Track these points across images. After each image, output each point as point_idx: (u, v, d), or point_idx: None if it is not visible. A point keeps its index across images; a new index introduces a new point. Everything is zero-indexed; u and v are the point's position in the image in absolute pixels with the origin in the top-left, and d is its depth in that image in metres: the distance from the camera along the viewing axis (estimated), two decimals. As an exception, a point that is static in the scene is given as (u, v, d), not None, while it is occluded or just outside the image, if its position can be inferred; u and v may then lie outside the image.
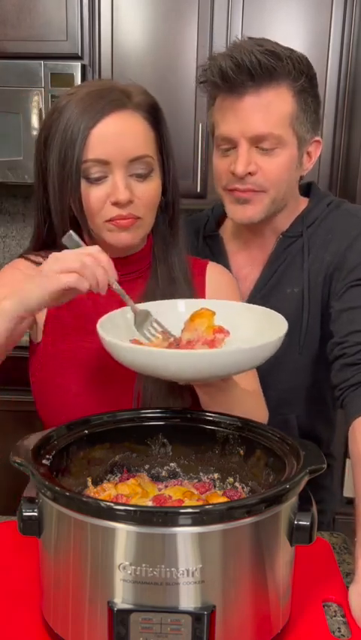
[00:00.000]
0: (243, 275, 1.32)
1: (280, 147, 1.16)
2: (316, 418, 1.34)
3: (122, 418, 0.97)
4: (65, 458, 0.89)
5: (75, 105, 1.03)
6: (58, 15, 2.47)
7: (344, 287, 1.19)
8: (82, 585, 0.74)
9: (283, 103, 1.15)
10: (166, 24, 2.47)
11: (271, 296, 1.27)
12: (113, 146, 1.02)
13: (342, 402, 1.10)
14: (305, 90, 1.18)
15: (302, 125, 1.19)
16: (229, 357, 0.86)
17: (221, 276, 1.23)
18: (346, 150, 2.53)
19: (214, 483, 0.97)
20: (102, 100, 1.03)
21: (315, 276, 1.24)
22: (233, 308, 1.04)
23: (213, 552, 0.71)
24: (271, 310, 1.02)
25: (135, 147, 1.04)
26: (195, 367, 0.85)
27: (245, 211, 1.21)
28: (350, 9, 2.41)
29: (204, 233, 1.38)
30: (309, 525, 0.77)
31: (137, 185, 1.05)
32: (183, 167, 2.51)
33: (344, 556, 1.00)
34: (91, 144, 1.02)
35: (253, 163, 1.16)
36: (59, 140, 1.04)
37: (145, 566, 0.70)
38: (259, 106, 1.14)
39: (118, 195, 1.02)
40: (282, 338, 0.91)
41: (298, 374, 1.28)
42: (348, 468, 2.49)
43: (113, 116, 1.03)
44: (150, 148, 1.07)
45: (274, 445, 0.88)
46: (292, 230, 1.28)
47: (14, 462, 0.82)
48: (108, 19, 2.49)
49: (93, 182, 1.03)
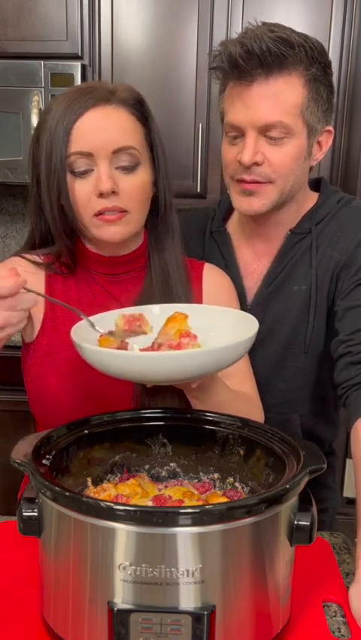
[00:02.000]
0: (250, 270, 1.31)
1: (288, 137, 1.14)
2: (318, 417, 1.33)
3: (122, 418, 0.97)
4: (65, 458, 0.89)
5: (60, 103, 1.05)
6: (58, 15, 2.47)
7: (352, 285, 1.18)
8: (82, 585, 0.74)
9: (293, 92, 1.13)
10: (166, 24, 2.47)
11: (277, 293, 1.26)
12: (96, 138, 1.03)
13: (345, 401, 1.09)
14: (317, 78, 1.15)
15: (313, 115, 1.16)
16: (182, 360, 0.85)
17: (218, 277, 1.22)
18: (346, 150, 2.53)
19: (214, 483, 0.97)
20: (86, 95, 1.04)
21: (323, 273, 1.23)
22: (208, 312, 1.04)
23: (213, 552, 0.71)
24: (244, 313, 1.02)
25: (118, 138, 1.04)
26: (150, 369, 0.85)
27: (251, 202, 1.19)
28: (350, 9, 2.41)
29: (211, 229, 1.36)
30: (309, 525, 0.77)
31: (122, 177, 1.05)
32: (183, 167, 2.51)
33: (344, 556, 1.00)
34: (74, 137, 1.03)
35: (260, 153, 1.14)
36: (46, 136, 1.05)
37: (145, 566, 0.70)
38: (268, 94, 1.12)
39: (101, 186, 1.02)
40: (243, 342, 0.89)
41: (303, 373, 1.27)
42: (348, 468, 2.49)
43: (96, 109, 1.04)
44: (136, 140, 1.07)
45: (274, 445, 0.88)
46: (301, 227, 1.26)
47: (14, 462, 0.82)
48: (108, 19, 2.49)
49: (79, 176, 1.04)
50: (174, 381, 0.92)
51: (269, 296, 1.26)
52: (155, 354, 0.89)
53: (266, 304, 1.27)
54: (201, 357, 0.86)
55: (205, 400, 1.02)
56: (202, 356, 0.86)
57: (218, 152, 2.74)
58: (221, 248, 1.33)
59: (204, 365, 0.87)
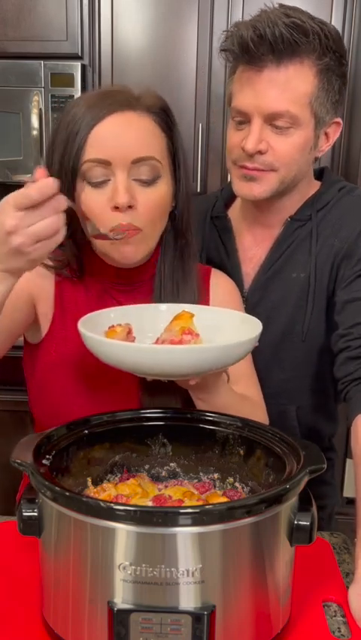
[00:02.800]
0: (249, 256, 1.30)
1: (294, 127, 1.12)
2: (317, 411, 1.32)
3: (122, 418, 0.97)
4: (65, 458, 0.89)
5: (79, 106, 0.99)
6: (58, 15, 2.47)
7: (352, 276, 1.17)
8: (82, 585, 0.74)
9: (304, 81, 1.10)
10: (166, 24, 2.47)
11: (275, 279, 1.25)
12: (114, 146, 0.96)
13: (345, 396, 1.09)
14: (330, 68, 1.12)
15: (322, 106, 1.14)
16: (176, 354, 0.85)
17: (224, 284, 1.20)
18: (346, 149, 2.53)
19: (214, 483, 0.97)
20: (108, 99, 0.99)
21: (323, 262, 1.21)
22: (214, 313, 1.04)
23: (213, 552, 0.71)
24: (249, 315, 1.01)
25: (138, 147, 0.97)
26: (148, 361, 0.86)
27: (251, 188, 1.17)
28: (350, 9, 2.41)
29: (212, 214, 1.35)
30: (309, 525, 0.77)
31: (140, 190, 0.98)
32: (183, 167, 2.51)
33: (344, 556, 1.00)
34: (90, 144, 0.97)
35: (265, 141, 1.13)
36: (61, 140, 0.99)
37: (145, 566, 0.70)
38: (278, 82, 1.10)
39: (117, 199, 0.96)
40: (243, 342, 0.89)
41: (301, 363, 1.26)
42: (348, 467, 2.48)
43: (117, 115, 0.98)
44: (157, 151, 1.00)
45: (274, 445, 0.88)
46: (301, 214, 1.24)
47: (14, 462, 0.82)
48: (108, 19, 2.49)
49: (94, 186, 0.98)
50: (172, 375, 0.91)
51: (267, 282, 1.25)
52: (152, 347, 0.90)
53: (263, 290, 1.26)
54: (198, 353, 0.86)
55: (210, 401, 1.01)
56: (199, 353, 0.86)
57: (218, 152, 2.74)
58: (221, 233, 1.32)
59: (200, 362, 0.86)
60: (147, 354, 0.86)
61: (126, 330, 0.96)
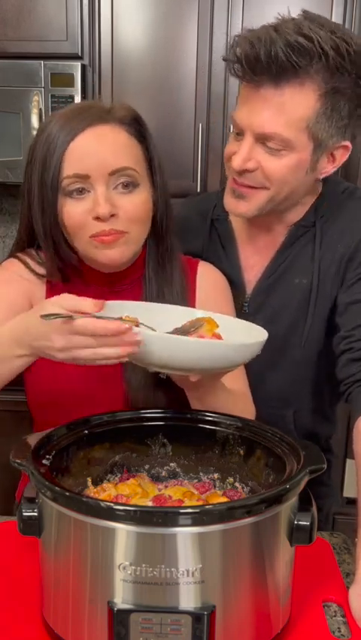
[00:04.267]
0: (251, 264, 1.28)
1: (287, 149, 1.08)
2: (314, 413, 1.31)
3: (122, 418, 0.97)
4: (65, 458, 0.89)
5: (54, 124, 1.02)
6: (58, 15, 2.47)
7: (354, 278, 1.16)
8: (82, 585, 0.74)
9: (302, 105, 1.04)
10: (166, 24, 2.47)
11: (277, 286, 1.24)
12: (92, 159, 1.00)
13: (347, 397, 1.09)
14: (339, 91, 1.04)
15: (323, 130, 1.07)
16: (218, 349, 0.87)
17: (211, 277, 1.21)
18: (346, 150, 2.53)
19: (214, 483, 0.97)
20: (80, 116, 1.02)
21: (326, 267, 1.20)
22: (222, 320, 1.03)
23: (213, 552, 0.71)
24: (253, 324, 1.00)
25: (115, 159, 1.01)
26: (186, 353, 0.85)
27: (238, 205, 1.15)
28: (350, 9, 2.41)
29: (213, 216, 1.32)
30: (309, 525, 0.77)
31: (120, 198, 1.02)
32: (183, 167, 2.50)
33: (344, 556, 1.00)
34: (68, 159, 1.00)
35: (254, 160, 1.09)
36: (39, 159, 1.03)
37: (145, 566, 0.70)
38: (273, 103, 1.04)
39: (98, 210, 0.99)
40: (257, 343, 0.90)
41: (298, 369, 1.26)
42: (348, 467, 2.48)
43: (91, 129, 1.01)
44: (133, 161, 1.04)
45: (274, 445, 0.88)
46: (305, 220, 1.23)
47: (14, 462, 0.82)
48: (108, 19, 2.49)
49: (75, 198, 1.02)
50: (188, 369, 0.90)
51: (268, 288, 1.25)
52: (186, 338, 0.89)
53: (265, 296, 1.25)
54: (223, 348, 0.87)
55: (206, 400, 1.02)
56: (224, 348, 0.88)
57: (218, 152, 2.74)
58: (222, 238, 1.31)
59: (220, 357, 0.87)
60: (182, 345, 0.85)
61: (134, 324, 0.96)
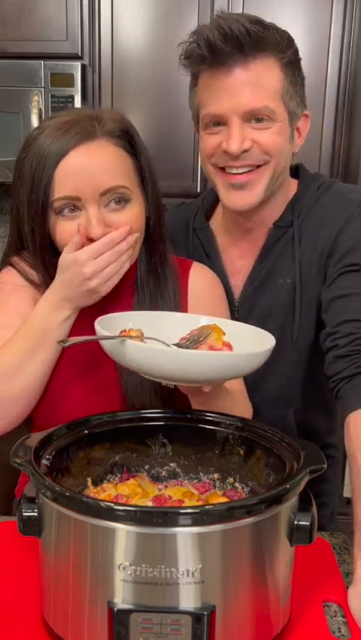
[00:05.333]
0: (236, 268, 1.29)
1: (272, 121, 1.12)
2: (314, 409, 1.31)
3: (122, 418, 0.97)
4: (65, 458, 0.89)
5: (43, 139, 1.02)
6: (58, 15, 2.47)
7: (335, 273, 1.16)
8: (82, 585, 0.74)
9: (273, 76, 1.11)
10: (166, 24, 2.47)
11: (263, 288, 1.25)
12: (82, 181, 1.00)
13: (336, 394, 1.09)
14: (292, 63, 1.13)
15: (292, 99, 1.14)
16: (229, 360, 0.87)
17: (203, 278, 1.21)
18: (346, 150, 2.53)
19: (214, 483, 0.97)
20: (68, 132, 1.01)
21: (307, 265, 1.20)
22: (227, 326, 1.03)
23: (213, 552, 0.71)
24: (258, 328, 1.01)
25: (105, 179, 1.01)
26: (200, 367, 0.85)
27: (243, 197, 1.15)
28: (350, 9, 2.41)
29: (194, 226, 1.34)
30: (309, 525, 0.77)
31: (112, 216, 1.03)
32: (183, 167, 2.51)
33: (344, 556, 1.00)
34: (57, 182, 1.00)
35: (248, 139, 1.11)
36: (27, 177, 1.03)
37: (145, 566, 0.70)
38: (249, 79, 1.09)
39: (91, 232, 1.01)
40: (270, 350, 0.91)
41: (294, 368, 1.26)
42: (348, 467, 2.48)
43: (79, 148, 1.00)
44: (124, 177, 1.04)
45: (274, 445, 0.88)
46: (283, 220, 1.23)
47: (14, 462, 0.82)
48: (108, 19, 2.49)
49: (66, 217, 1.02)
50: (203, 381, 0.91)
51: (255, 292, 1.25)
52: (210, 352, 0.90)
53: (253, 300, 1.25)
54: (237, 359, 0.88)
55: (209, 405, 1.02)
56: (238, 358, 0.88)
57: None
58: (205, 246, 1.31)
59: (233, 368, 0.88)
60: (199, 359, 0.86)
61: (139, 335, 0.97)
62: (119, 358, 0.90)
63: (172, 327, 1.00)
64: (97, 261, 1.00)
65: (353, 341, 1.08)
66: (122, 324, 0.97)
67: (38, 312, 1.06)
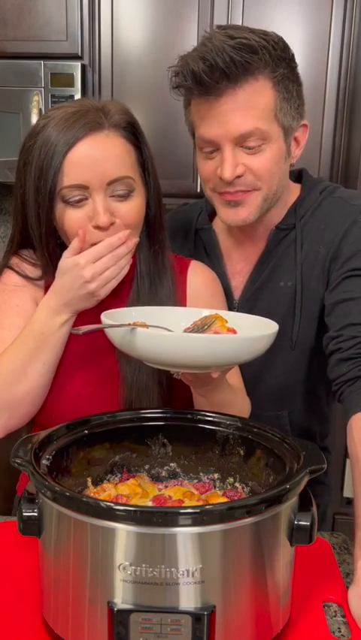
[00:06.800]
0: (237, 270, 1.30)
1: (266, 143, 1.12)
2: (309, 413, 1.32)
3: (122, 418, 0.97)
4: (65, 458, 0.89)
5: (51, 129, 1.03)
6: (58, 15, 2.47)
7: (339, 278, 1.16)
8: (82, 585, 0.74)
9: (263, 97, 1.10)
10: (166, 24, 2.47)
11: (263, 290, 1.25)
12: (90, 170, 1.02)
13: (339, 397, 1.09)
14: (286, 77, 1.12)
15: (286, 115, 1.13)
16: (235, 343, 0.88)
17: (201, 275, 1.22)
18: (346, 150, 2.53)
19: (214, 483, 0.97)
20: (77, 123, 1.02)
21: (309, 269, 1.21)
22: (227, 316, 1.04)
23: (213, 552, 0.71)
24: (258, 317, 1.02)
25: (113, 169, 1.03)
26: (203, 351, 0.86)
27: (238, 213, 1.17)
28: (350, 9, 2.41)
29: (197, 226, 1.35)
30: (309, 525, 0.77)
31: (118, 205, 1.05)
32: (183, 167, 2.51)
33: (344, 556, 1.00)
34: (66, 170, 1.02)
35: (241, 165, 1.12)
36: (35, 165, 1.04)
37: (145, 566, 0.70)
38: (238, 104, 1.09)
39: (98, 220, 1.02)
40: (275, 334, 0.92)
41: (292, 370, 1.26)
42: (348, 467, 2.49)
43: (88, 138, 1.02)
44: (129, 167, 1.06)
45: (274, 445, 0.88)
46: (285, 223, 1.24)
47: (14, 462, 0.82)
48: (108, 19, 2.49)
49: (73, 205, 1.04)
50: (211, 365, 0.91)
51: (255, 293, 1.25)
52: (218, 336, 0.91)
53: (253, 301, 1.26)
54: (248, 342, 0.89)
55: (211, 397, 1.03)
56: (248, 341, 0.89)
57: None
58: (207, 247, 1.32)
59: (241, 351, 0.88)
60: (207, 343, 0.86)
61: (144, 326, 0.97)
62: (128, 348, 0.90)
63: (175, 321, 1.01)
64: (96, 264, 1.03)
65: (357, 344, 1.08)
66: (127, 319, 0.97)
67: (38, 317, 1.07)
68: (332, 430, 1.43)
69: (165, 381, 1.12)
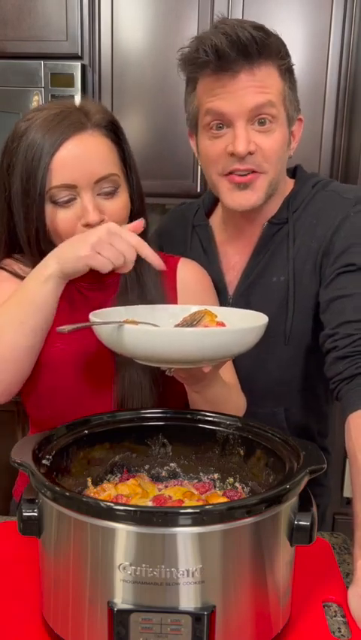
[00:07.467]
0: (231, 264, 1.30)
1: (274, 123, 1.14)
2: (307, 411, 1.31)
3: (122, 418, 0.97)
4: (65, 458, 0.89)
5: (35, 131, 1.04)
6: (58, 15, 2.47)
7: (332, 274, 1.16)
8: (82, 585, 0.74)
9: (275, 80, 1.14)
10: (166, 24, 2.47)
11: (256, 285, 1.25)
12: (78, 169, 1.03)
13: (337, 395, 1.09)
14: (289, 69, 1.17)
15: (291, 104, 1.17)
16: (224, 336, 0.88)
17: (190, 270, 1.22)
18: (346, 150, 2.53)
19: (214, 483, 0.97)
20: (61, 124, 1.04)
21: (302, 263, 1.21)
22: (217, 311, 1.04)
23: (213, 552, 0.71)
24: (246, 310, 1.03)
25: (100, 167, 1.04)
26: (191, 345, 0.85)
27: (246, 196, 1.17)
28: (350, 9, 2.41)
29: (194, 222, 1.36)
30: (309, 525, 0.77)
31: (105, 203, 1.06)
32: (183, 167, 2.51)
33: (344, 556, 1.00)
34: (54, 171, 1.03)
35: (252, 142, 1.13)
36: (21, 168, 1.04)
37: (145, 566, 0.70)
38: (254, 82, 1.12)
39: (88, 218, 1.03)
40: (264, 326, 0.92)
41: (286, 366, 1.26)
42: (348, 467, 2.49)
43: (73, 139, 1.03)
44: (114, 165, 1.08)
45: (274, 445, 0.88)
46: (278, 217, 1.24)
47: (14, 462, 0.82)
48: (108, 19, 2.49)
49: (62, 205, 1.05)
50: (201, 359, 0.91)
51: (249, 288, 1.25)
52: (204, 330, 0.91)
53: (246, 296, 1.26)
54: (238, 334, 0.89)
55: (206, 393, 1.02)
56: (239, 333, 0.89)
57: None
58: (203, 242, 1.33)
59: (232, 343, 0.89)
60: (195, 337, 0.86)
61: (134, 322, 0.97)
62: (117, 345, 0.90)
63: (165, 319, 1.02)
64: (106, 236, 0.98)
65: (353, 342, 1.08)
66: (116, 317, 0.97)
67: (28, 276, 1.05)
68: (332, 430, 1.43)
69: (159, 379, 1.11)
